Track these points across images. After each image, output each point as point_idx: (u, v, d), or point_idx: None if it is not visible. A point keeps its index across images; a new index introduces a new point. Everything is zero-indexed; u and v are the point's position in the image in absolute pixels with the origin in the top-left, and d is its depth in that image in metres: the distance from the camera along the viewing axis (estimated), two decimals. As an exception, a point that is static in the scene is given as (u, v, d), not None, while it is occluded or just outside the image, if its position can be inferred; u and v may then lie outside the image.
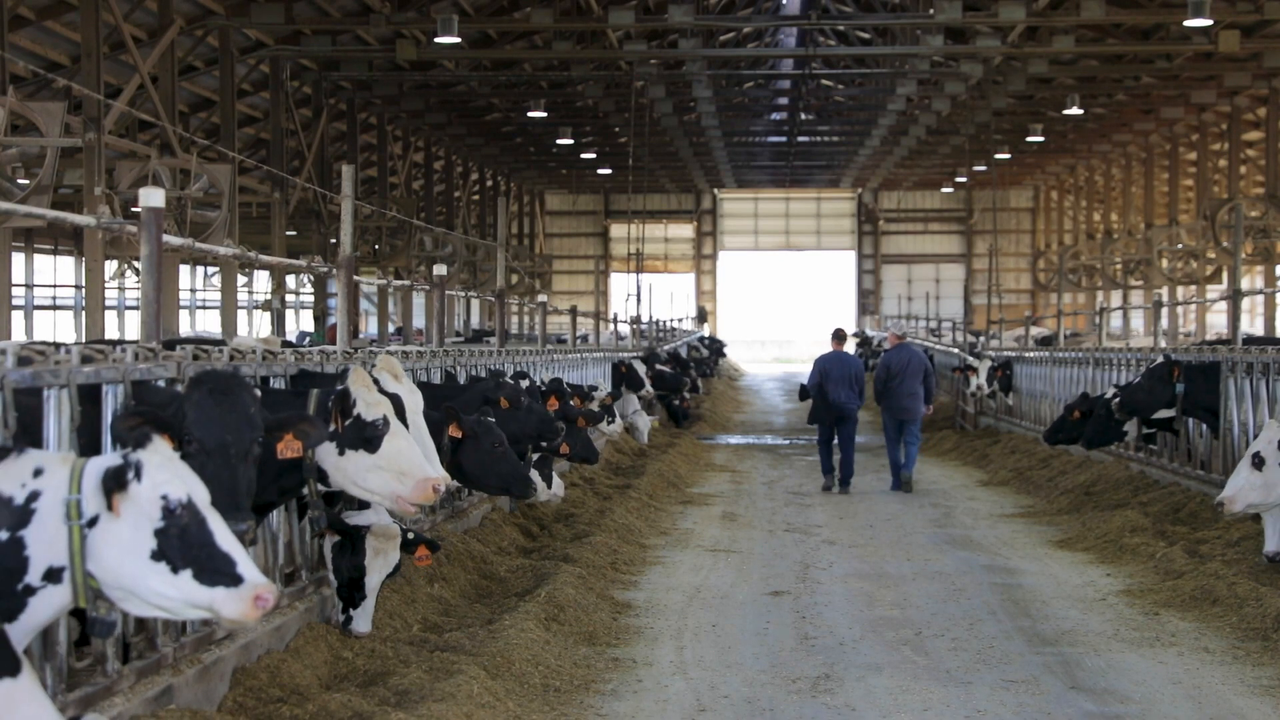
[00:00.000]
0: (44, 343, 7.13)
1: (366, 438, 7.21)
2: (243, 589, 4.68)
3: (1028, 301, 61.84)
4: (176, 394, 6.58)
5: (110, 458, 4.79)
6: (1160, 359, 14.44)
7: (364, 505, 8.21)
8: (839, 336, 18.45)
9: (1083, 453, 18.16)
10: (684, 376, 26.37)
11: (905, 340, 19.94)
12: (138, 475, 4.68)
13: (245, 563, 4.74)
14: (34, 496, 4.66)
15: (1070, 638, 9.50)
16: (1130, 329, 45.87)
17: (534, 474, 11.66)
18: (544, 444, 11.36)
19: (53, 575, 4.65)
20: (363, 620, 8.16)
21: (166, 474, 4.73)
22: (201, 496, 4.78)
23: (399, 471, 7.22)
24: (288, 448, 6.50)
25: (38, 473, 4.69)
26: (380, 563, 8.12)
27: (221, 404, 6.06)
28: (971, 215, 65.25)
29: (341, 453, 7.24)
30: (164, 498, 4.68)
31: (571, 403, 13.90)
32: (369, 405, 7.27)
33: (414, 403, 7.98)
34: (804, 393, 18.55)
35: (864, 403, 18.44)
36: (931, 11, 26.03)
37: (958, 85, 34.35)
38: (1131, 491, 15.27)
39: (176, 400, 6.16)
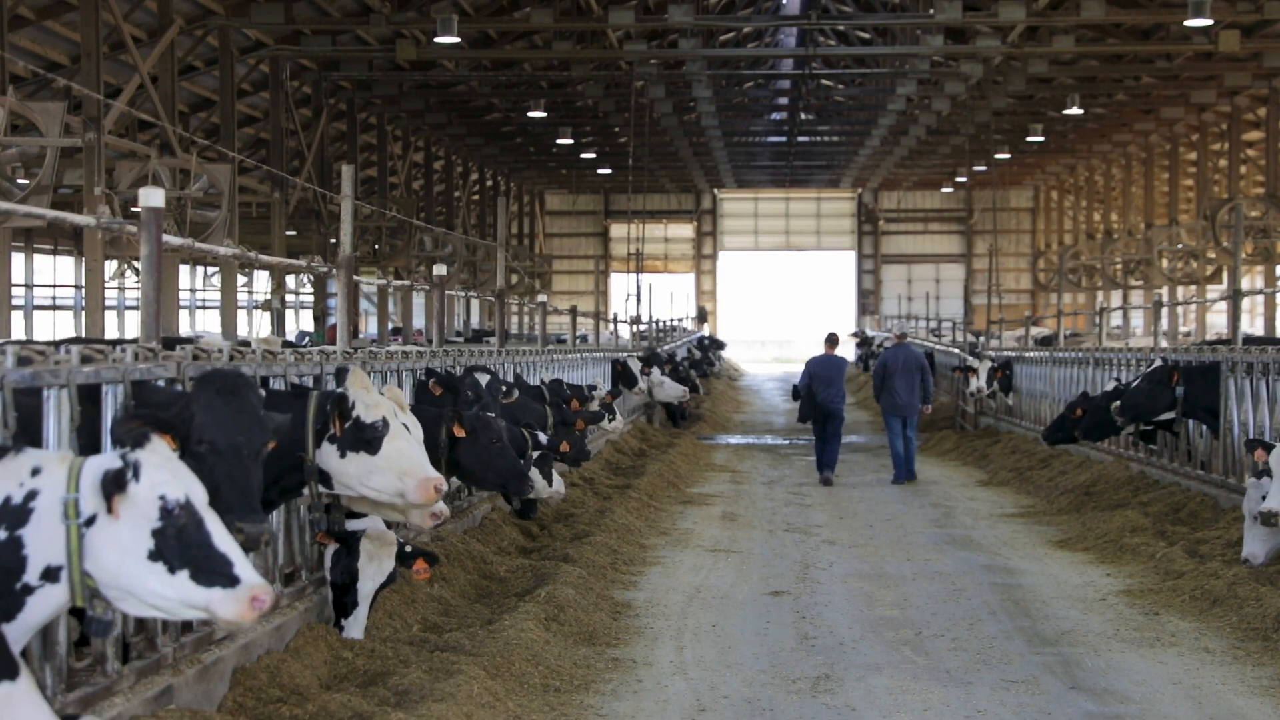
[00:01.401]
0: (43, 342, 7.13)
1: (367, 439, 7.21)
2: (239, 590, 4.67)
3: (1028, 301, 61.84)
4: (179, 394, 6.57)
5: (108, 457, 4.78)
6: (1159, 362, 14.44)
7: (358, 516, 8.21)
8: (831, 341, 19.61)
9: (1083, 452, 18.20)
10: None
11: (905, 340, 20.95)
12: (135, 475, 4.67)
13: (242, 564, 4.73)
14: (32, 495, 4.65)
15: (1070, 638, 9.50)
16: (1130, 329, 45.87)
17: (534, 472, 11.64)
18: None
19: (50, 574, 4.65)
20: (355, 628, 8.12)
21: (165, 474, 4.72)
22: (199, 497, 4.77)
23: (400, 472, 7.22)
24: None
25: (35, 472, 4.69)
26: (373, 569, 8.08)
27: (230, 404, 6.04)
28: (971, 215, 65.26)
29: (343, 455, 7.24)
30: (162, 498, 4.68)
31: (570, 404, 13.91)
32: (368, 407, 7.27)
33: (416, 434, 7.98)
34: (796, 393, 19.66)
35: (851, 402, 19.10)
36: (931, 11, 26.02)
37: (958, 85, 34.35)
38: (1131, 491, 15.27)
39: (183, 400, 6.13)
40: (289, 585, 8.19)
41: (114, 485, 4.61)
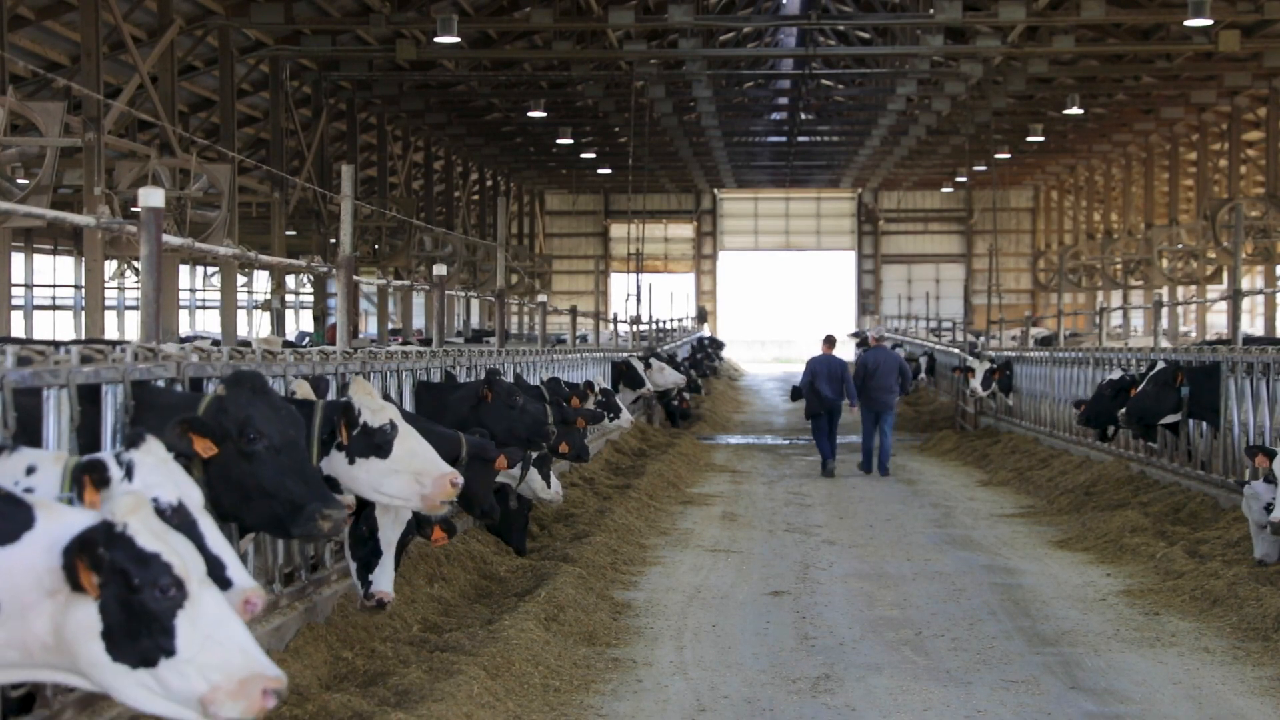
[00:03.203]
0: (43, 341, 7.11)
1: (377, 444, 7.21)
2: (232, 593, 4.67)
3: (1028, 301, 61.83)
4: (190, 395, 6.56)
5: (103, 456, 4.77)
6: (1160, 362, 14.43)
7: None
8: (829, 341, 21.01)
9: (1083, 452, 18.21)
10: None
11: (881, 342, 22.59)
12: (129, 476, 4.66)
13: (235, 566, 4.73)
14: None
15: (1070, 638, 9.50)
16: (1130, 329, 45.88)
17: (533, 473, 11.61)
18: (537, 444, 11.30)
19: None
20: (383, 579, 8.01)
21: (159, 476, 4.72)
22: (194, 499, 4.76)
23: (415, 472, 7.22)
24: None
25: (30, 470, 4.69)
26: (390, 517, 8.01)
27: (267, 402, 6.05)
28: (971, 215, 65.25)
29: (352, 461, 7.22)
30: (154, 500, 4.67)
31: (570, 404, 13.88)
32: (374, 412, 7.28)
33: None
34: (796, 393, 21.14)
35: (852, 399, 20.52)
36: (931, 11, 26.02)
37: (958, 85, 34.35)
38: (1131, 491, 15.27)
39: (215, 402, 6.06)
40: (289, 585, 8.18)
41: (84, 470, 4.56)
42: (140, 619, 3.99)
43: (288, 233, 30.80)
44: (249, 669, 4.04)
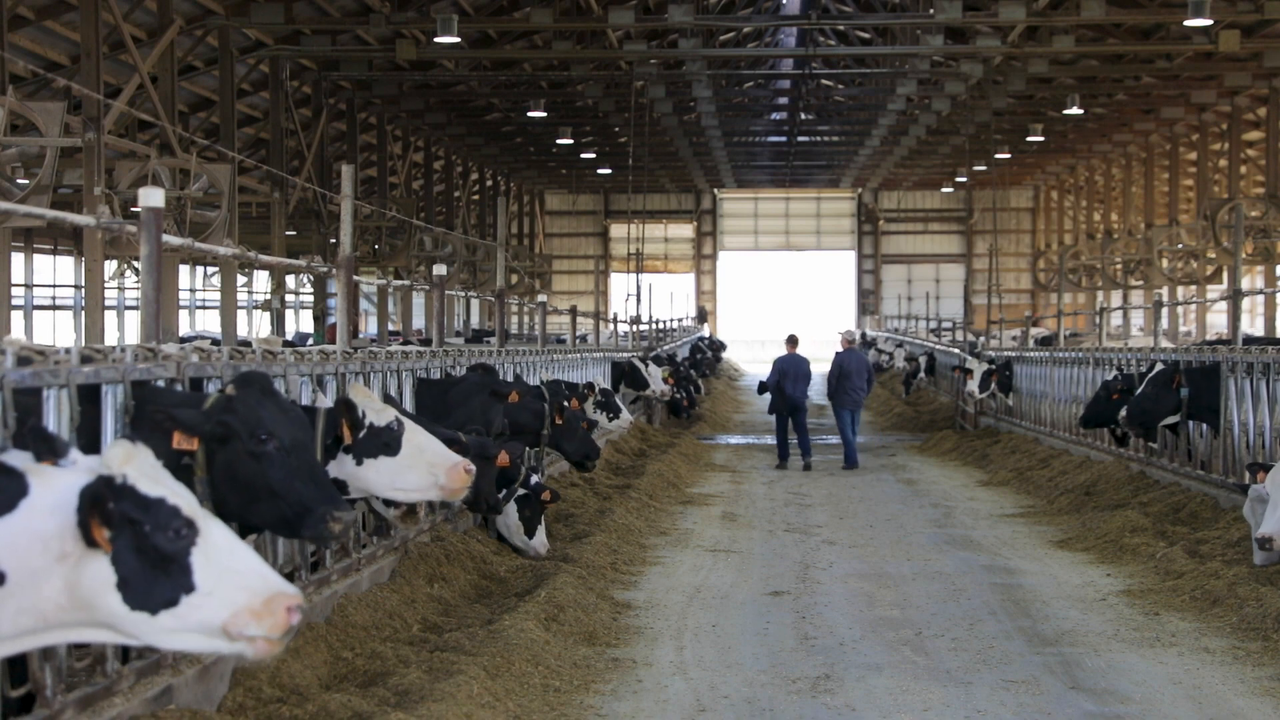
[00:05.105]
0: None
1: (385, 442, 7.24)
2: None
3: (1028, 301, 61.83)
4: (195, 395, 6.56)
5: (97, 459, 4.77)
6: (1159, 364, 14.42)
7: None
8: (793, 341, 21.97)
9: (1083, 452, 18.21)
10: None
11: (854, 345, 23.33)
12: None
13: None
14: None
15: (1070, 638, 9.50)
16: (1130, 329, 45.87)
17: (510, 511, 11.35)
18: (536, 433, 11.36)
19: None
20: None
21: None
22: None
23: (429, 464, 7.27)
24: None
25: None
26: None
27: (275, 402, 6.05)
28: (971, 215, 65.25)
29: (360, 462, 7.24)
30: None
31: (570, 404, 13.88)
32: (378, 412, 7.30)
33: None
34: (762, 388, 22.14)
35: (813, 398, 22.13)
36: (931, 11, 26.02)
37: (958, 85, 34.36)
38: (1131, 491, 15.26)
39: (222, 402, 6.04)
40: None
41: (37, 443, 4.54)
42: (157, 563, 4.07)
43: (288, 233, 30.78)
44: (269, 590, 4.13)
